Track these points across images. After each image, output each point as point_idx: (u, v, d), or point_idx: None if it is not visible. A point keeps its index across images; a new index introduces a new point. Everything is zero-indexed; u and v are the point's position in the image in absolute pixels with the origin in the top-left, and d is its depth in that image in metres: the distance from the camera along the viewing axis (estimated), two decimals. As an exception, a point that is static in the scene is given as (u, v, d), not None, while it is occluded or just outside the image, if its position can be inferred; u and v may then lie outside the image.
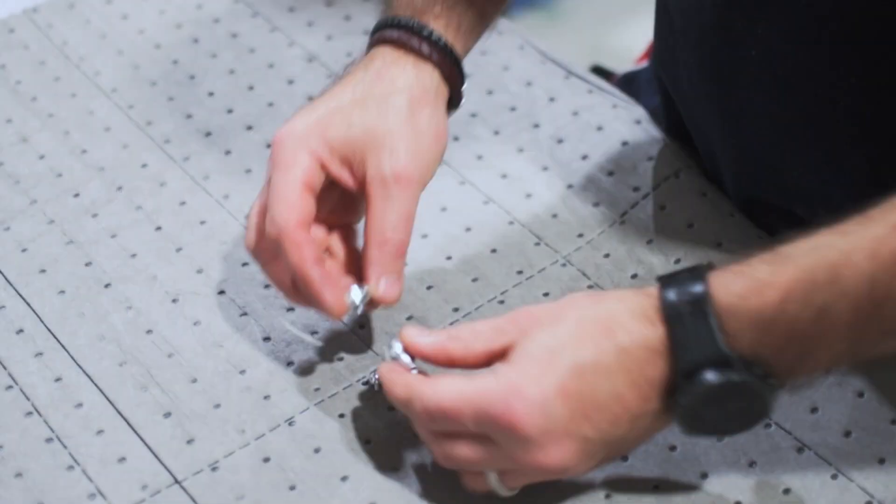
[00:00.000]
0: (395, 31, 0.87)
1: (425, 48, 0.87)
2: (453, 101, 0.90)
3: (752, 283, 0.72)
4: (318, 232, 0.86)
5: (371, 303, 0.85)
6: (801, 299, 0.71)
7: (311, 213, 0.84)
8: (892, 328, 0.72)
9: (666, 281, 0.74)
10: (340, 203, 0.87)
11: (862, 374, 0.86)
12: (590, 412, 0.73)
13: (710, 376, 0.72)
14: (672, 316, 0.73)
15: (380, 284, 0.84)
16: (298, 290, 0.84)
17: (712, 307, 0.72)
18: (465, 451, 0.76)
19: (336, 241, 0.88)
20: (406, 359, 0.80)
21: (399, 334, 0.80)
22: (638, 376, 0.73)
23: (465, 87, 0.91)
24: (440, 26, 0.88)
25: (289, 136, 0.84)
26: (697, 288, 0.72)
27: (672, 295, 0.73)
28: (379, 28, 0.89)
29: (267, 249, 0.85)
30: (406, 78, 0.86)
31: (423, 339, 0.79)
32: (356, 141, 0.84)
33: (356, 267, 0.87)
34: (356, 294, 0.84)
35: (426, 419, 0.77)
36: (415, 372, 0.80)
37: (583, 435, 0.74)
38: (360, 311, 0.85)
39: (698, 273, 0.73)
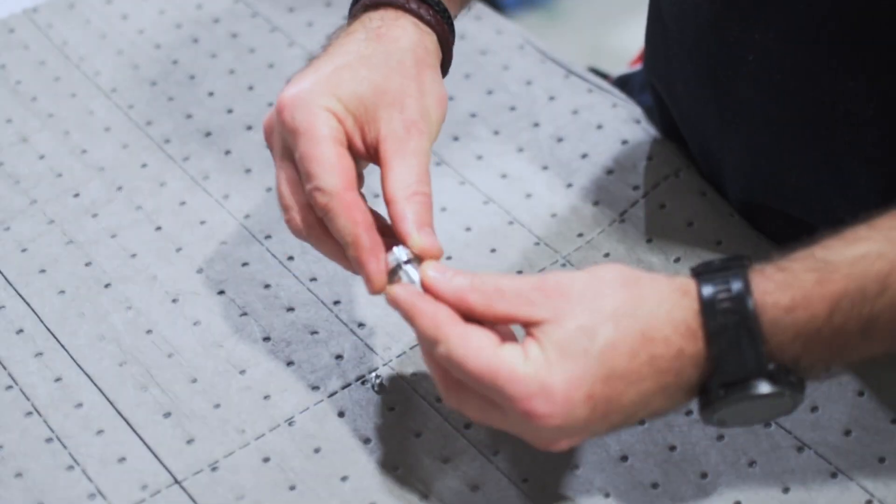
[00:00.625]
0: None
1: (424, 11, 0.84)
2: (445, 66, 0.87)
3: (798, 294, 0.71)
4: None
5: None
6: (850, 311, 0.70)
7: (354, 170, 0.79)
8: None
9: (705, 278, 0.72)
10: None
11: (862, 374, 0.86)
12: (611, 414, 0.72)
13: (748, 390, 0.71)
14: (715, 331, 0.71)
15: (422, 236, 0.77)
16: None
17: (757, 323, 0.71)
18: (472, 405, 0.74)
19: None
20: (414, 274, 0.77)
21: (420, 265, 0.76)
22: (668, 383, 0.72)
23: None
24: None
25: (300, 97, 0.79)
26: (737, 286, 0.71)
27: (712, 299, 0.71)
28: None
29: (317, 225, 0.80)
30: (409, 38, 0.83)
31: (444, 283, 0.75)
32: (366, 98, 0.80)
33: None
34: (400, 253, 0.77)
35: (444, 364, 0.73)
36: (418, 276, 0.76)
37: (595, 431, 0.74)
38: (415, 279, 0.77)
39: (738, 272, 0.72)
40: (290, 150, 0.80)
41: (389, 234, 0.79)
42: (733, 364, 0.71)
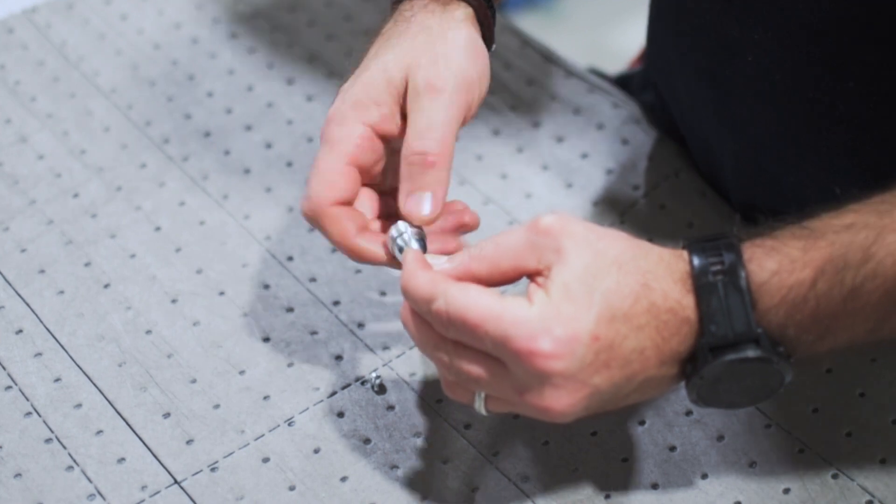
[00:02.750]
0: None
1: None
2: (486, 41, 0.87)
3: (785, 260, 0.71)
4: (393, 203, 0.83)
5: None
6: (833, 277, 0.70)
7: (353, 190, 0.81)
8: None
9: (695, 248, 0.73)
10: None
11: (862, 374, 0.86)
12: (612, 362, 0.72)
13: (736, 353, 0.71)
14: (704, 287, 0.71)
15: (408, 202, 0.80)
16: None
17: (747, 283, 0.71)
18: (472, 368, 0.73)
19: None
20: (412, 244, 0.78)
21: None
22: (664, 340, 0.72)
23: (496, 28, 0.88)
24: None
25: (337, 112, 0.82)
26: (728, 256, 0.71)
27: (703, 263, 0.72)
28: None
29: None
30: (436, 18, 0.84)
31: (445, 266, 0.75)
32: (395, 81, 0.81)
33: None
34: (400, 227, 0.80)
35: (444, 322, 0.73)
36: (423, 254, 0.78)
37: (595, 385, 0.72)
38: (410, 243, 0.79)
39: (729, 242, 0.72)
40: None
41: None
42: (722, 325, 0.71)
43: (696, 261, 0.72)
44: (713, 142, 0.95)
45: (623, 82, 1.13)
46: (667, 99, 1.01)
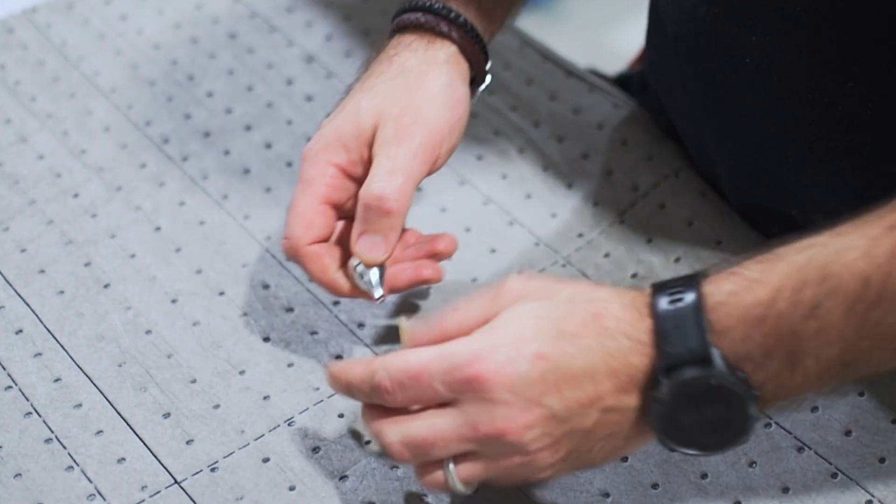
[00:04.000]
0: (414, 14, 0.88)
1: (444, 26, 0.87)
2: (477, 80, 0.90)
3: (743, 281, 0.70)
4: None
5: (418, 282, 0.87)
6: (792, 296, 0.69)
7: (329, 227, 0.86)
8: (886, 335, 0.69)
9: (659, 286, 0.72)
10: None
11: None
12: (561, 383, 0.70)
13: (690, 371, 0.69)
14: (661, 313, 0.71)
15: (357, 243, 0.84)
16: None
17: (702, 302, 0.70)
18: (422, 428, 0.73)
19: None
20: (374, 277, 0.84)
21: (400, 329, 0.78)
22: (617, 364, 0.71)
23: (489, 65, 0.91)
24: (460, 6, 0.89)
25: (311, 151, 0.86)
26: (690, 295, 0.71)
27: (661, 291, 0.72)
28: (399, 13, 0.90)
29: None
30: (417, 58, 0.87)
31: (421, 330, 0.76)
32: (365, 129, 0.85)
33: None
34: (355, 260, 0.84)
35: (389, 388, 0.73)
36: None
37: (549, 406, 0.71)
38: (364, 273, 0.84)
39: (693, 279, 0.72)
40: None
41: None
42: (675, 345, 0.70)
43: (657, 293, 0.72)
44: (710, 143, 0.95)
45: (623, 82, 1.13)
46: (664, 100, 1.01)
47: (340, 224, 0.87)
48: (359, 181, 0.85)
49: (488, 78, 0.91)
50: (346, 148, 0.85)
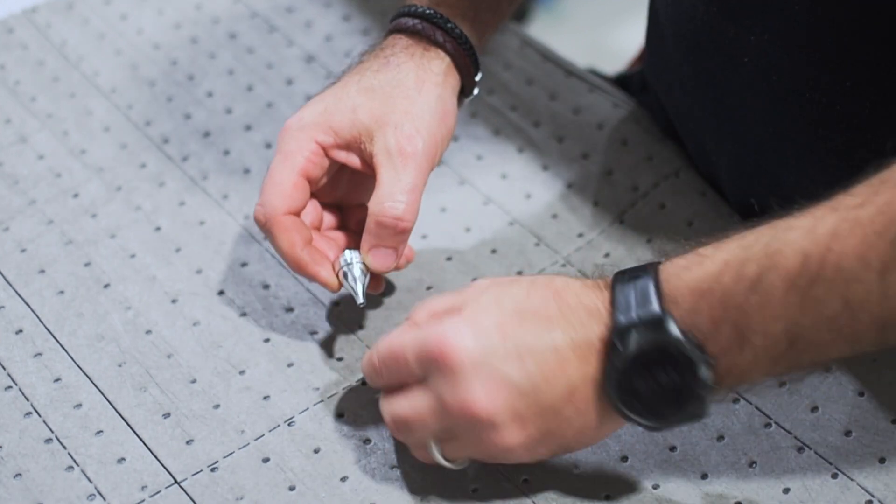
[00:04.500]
0: (411, 20, 0.90)
1: (440, 36, 0.89)
2: (466, 90, 0.92)
3: (694, 257, 0.74)
4: (329, 214, 0.90)
5: (373, 280, 0.88)
6: (736, 270, 0.71)
7: (303, 200, 0.87)
8: (827, 315, 0.70)
9: (621, 270, 0.76)
10: (352, 184, 0.90)
11: (862, 374, 0.86)
12: (524, 353, 0.74)
13: (644, 334, 0.72)
14: (618, 287, 0.74)
15: (370, 256, 0.86)
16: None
17: (657, 276, 0.73)
18: (405, 406, 0.77)
19: (350, 219, 0.91)
20: (358, 274, 0.85)
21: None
22: (578, 335, 0.74)
23: (479, 77, 0.92)
24: (456, 16, 0.90)
25: (294, 126, 0.88)
26: (648, 271, 0.74)
27: (623, 275, 0.75)
28: (397, 16, 0.91)
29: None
30: (413, 64, 0.89)
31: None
32: (363, 124, 0.86)
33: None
34: (349, 256, 0.86)
35: (377, 366, 0.78)
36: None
37: (511, 377, 0.73)
38: (358, 279, 0.86)
39: (653, 263, 0.75)
40: None
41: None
42: (629, 310, 0.73)
43: (617, 273, 0.75)
44: (710, 143, 0.95)
45: (623, 82, 1.13)
46: (663, 100, 1.01)
47: (314, 206, 0.89)
48: (334, 164, 0.88)
49: (476, 90, 0.93)
50: (336, 133, 0.87)
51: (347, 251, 0.87)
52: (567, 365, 0.74)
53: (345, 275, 0.86)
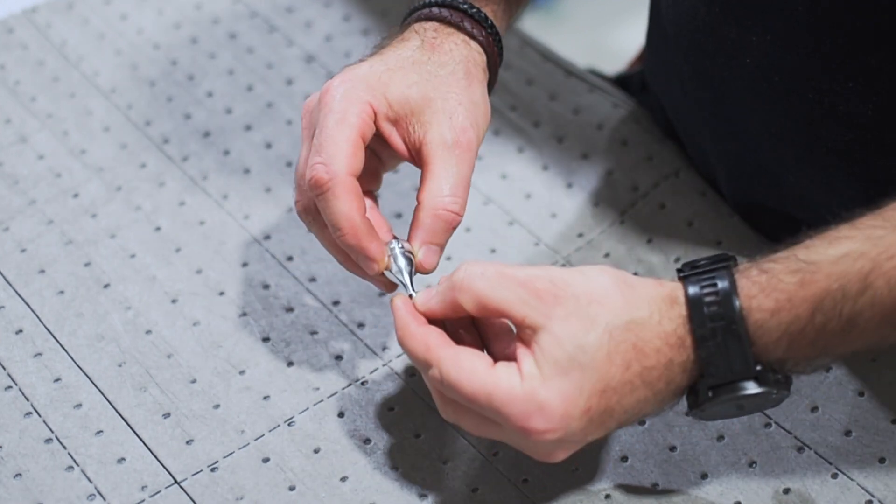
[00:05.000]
0: (444, 10, 0.86)
1: (477, 31, 0.86)
2: (490, 86, 0.89)
3: (783, 297, 0.72)
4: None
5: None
6: (832, 310, 0.71)
7: (361, 165, 0.80)
8: None
9: (691, 281, 0.73)
10: (366, 168, 0.82)
11: (862, 374, 0.86)
12: (607, 421, 0.74)
13: (736, 392, 0.73)
14: (703, 336, 0.72)
15: (421, 251, 0.81)
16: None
17: (744, 327, 0.72)
18: (469, 422, 0.75)
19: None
20: (403, 264, 0.80)
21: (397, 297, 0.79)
22: (660, 390, 0.74)
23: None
24: (487, 9, 0.88)
25: (348, 83, 0.81)
26: (723, 286, 0.72)
27: (699, 303, 0.72)
28: (421, 6, 0.87)
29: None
30: (461, 52, 0.85)
31: (433, 303, 0.77)
32: (415, 102, 0.82)
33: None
34: (395, 244, 0.81)
35: (440, 387, 0.75)
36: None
37: (591, 438, 0.75)
38: (404, 269, 0.80)
39: (724, 274, 0.73)
40: None
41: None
42: (721, 368, 0.73)
43: (692, 297, 0.73)
44: (710, 143, 0.95)
45: (623, 82, 1.13)
46: (663, 100, 1.01)
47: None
48: (379, 136, 0.82)
49: (496, 86, 0.91)
50: (390, 104, 0.81)
51: (394, 240, 0.81)
52: (646, 411, 0.75)
53: (396, 266, 0.80)
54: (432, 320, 0.77)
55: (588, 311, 0.73)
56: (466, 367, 0.73)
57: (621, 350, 0.72)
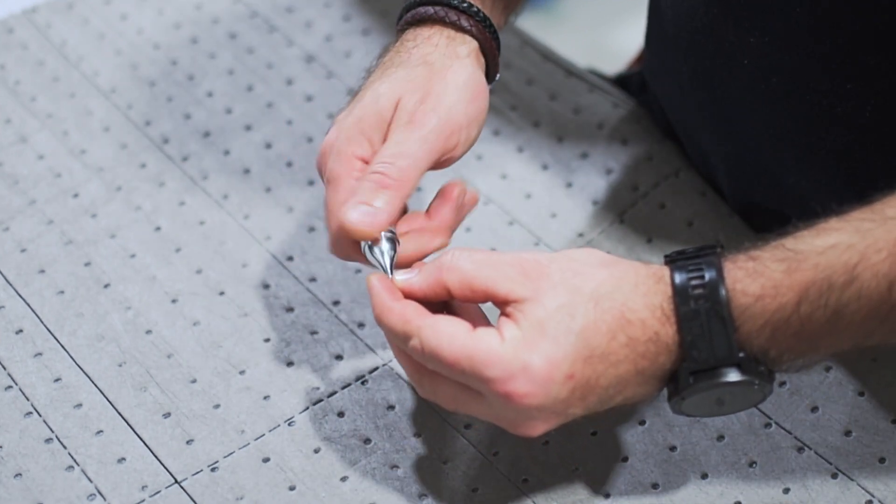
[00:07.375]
0: (430, 7, 0.86)
1: (464, 21, 0.86)
2: (490, 74, 0.89)
3: (768, 283, 0.71)
4: None
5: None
6: (817, 300, 0.71)
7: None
8: None
9: (678, 265, 0.73)
10: None
11: (862, 374, 0.86)
12: (588, 395, 0.73)
13: (717, 377, 0.72)
14: (686, 315, 0.72)
15: (345, 209, 0.79)
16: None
17: (728, 310, 0.72)
18: (448, 393, 0.75)
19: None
20: (384, 257, 0.78)
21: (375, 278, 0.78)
22: (644, 368, 0.73)
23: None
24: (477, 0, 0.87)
25: (332, 146, 0.82)
26: (710, 274, 0.72)
27: (684, 282, 0.72)
28: (416, 4, 0.87)
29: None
30: (438, 52, 0.85)
31: (415, 280, 0.77)
32: (383, 114, 0.82)
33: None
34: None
35: (420, 357, 0.74)
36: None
37: (572, 413, 0.74)
38: (385, 253, 0.79)
39: (711, 260, 0.73)
40: None
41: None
42: (704, 350, 0.72)
43: (677, 281, 0.73)
44: (709, 143, 0.95)
45: (622, 82, 1.13)
46: (662, 101, 1.01)
47: None
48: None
49: (498, 75, 0.90)
50: (370, 140, 0.82)
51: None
52: (628, 391, 0.74)
53: (370, 247, 0.80)
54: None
55: (574, 281, 0.73)
56: (446, 332, 0.73)
57: (607, 319, 0.72)
